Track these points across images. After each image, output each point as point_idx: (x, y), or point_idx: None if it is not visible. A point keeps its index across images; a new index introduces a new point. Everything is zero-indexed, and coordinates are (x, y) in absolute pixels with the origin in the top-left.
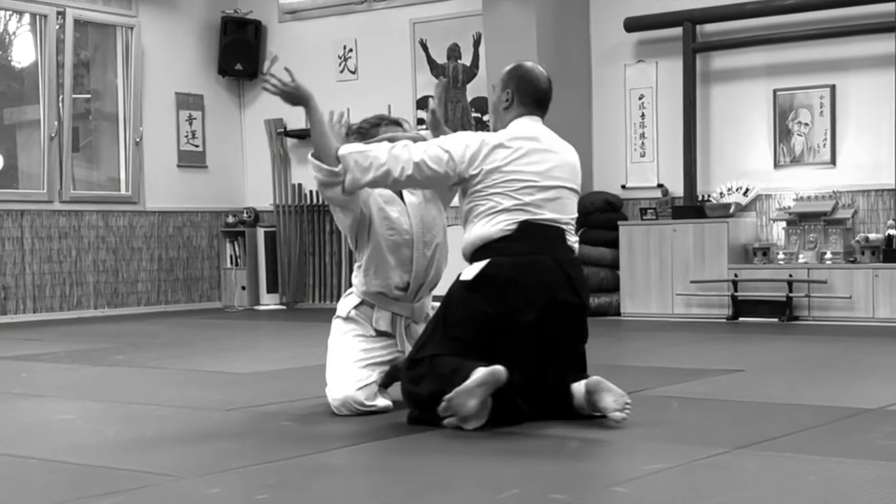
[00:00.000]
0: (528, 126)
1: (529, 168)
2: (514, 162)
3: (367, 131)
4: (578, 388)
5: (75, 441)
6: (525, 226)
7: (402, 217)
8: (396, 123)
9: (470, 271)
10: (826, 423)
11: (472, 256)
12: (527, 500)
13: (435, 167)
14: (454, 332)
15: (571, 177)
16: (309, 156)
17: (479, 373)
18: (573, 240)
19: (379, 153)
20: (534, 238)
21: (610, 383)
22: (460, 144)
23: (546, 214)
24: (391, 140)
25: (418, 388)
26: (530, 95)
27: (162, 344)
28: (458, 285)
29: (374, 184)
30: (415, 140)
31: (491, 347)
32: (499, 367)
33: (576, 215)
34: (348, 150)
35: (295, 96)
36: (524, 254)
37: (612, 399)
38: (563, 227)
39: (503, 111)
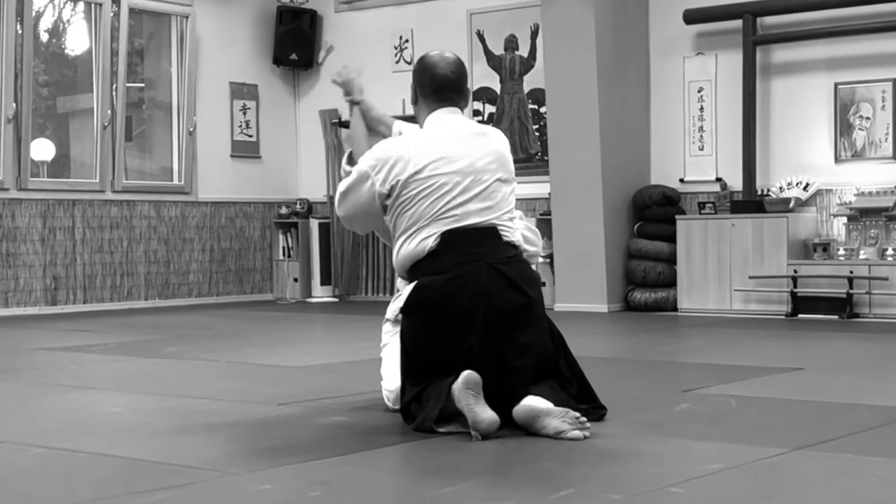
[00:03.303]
0: (441, 120)
1: (448, 168)
2: (430, 165)
3: None
4: (516, 411)
5: (125, 435)
6: (449, 236)
7: None
8: None
9: (402, 297)
10: (888, 424)
11: (408, 274)
12: (582, 499)
13: (355, 194)
14: (417, 363)
15: (500, 166)
16: (345, 162)
17: (459, 391)
18: (510, 233)
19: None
20: (462, 247)
21: (544, 403)
22: (370, 159)
23: (471, 219)
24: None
25: (423, 425)
26: (429, 86)
27: (213, 336)
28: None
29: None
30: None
31: (452, 365)
32: (467, 372)
33: (511, 205)
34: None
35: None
36: (455, 266)
37: (558, 421)
38: (495, 223)
39: (414, 108)
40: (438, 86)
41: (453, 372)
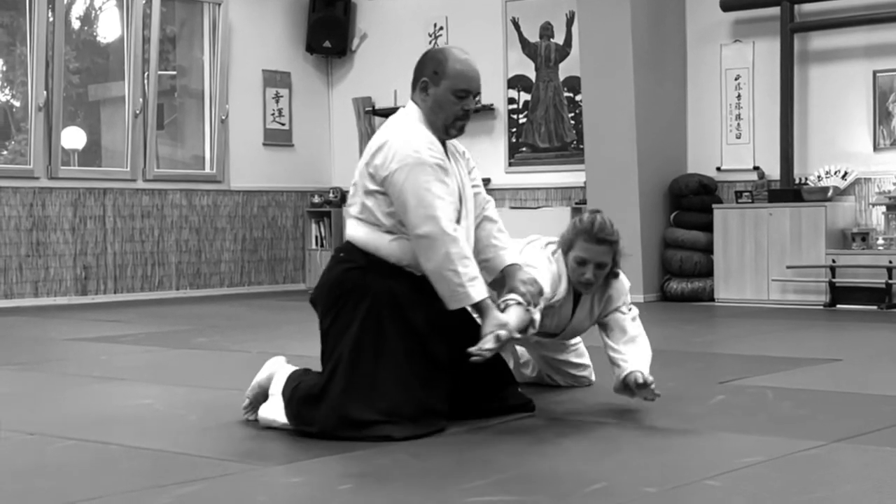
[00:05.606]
0: None
1: None
2: None
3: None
4: None
5: (156, 426)
6: None
7: None
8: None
9: None
10: None
11: None
12: (616, 492)
13: None
14: None
15: (365, 165)
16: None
17: None
18: (350, 228)
19: None
20: None
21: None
22: None
23: None
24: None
25: None
26: None
27: (245, 326)
28: None
29: None
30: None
31: None
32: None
33: (357, 203)
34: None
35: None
36: None
37: None
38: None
39: None
40: None
41: None
